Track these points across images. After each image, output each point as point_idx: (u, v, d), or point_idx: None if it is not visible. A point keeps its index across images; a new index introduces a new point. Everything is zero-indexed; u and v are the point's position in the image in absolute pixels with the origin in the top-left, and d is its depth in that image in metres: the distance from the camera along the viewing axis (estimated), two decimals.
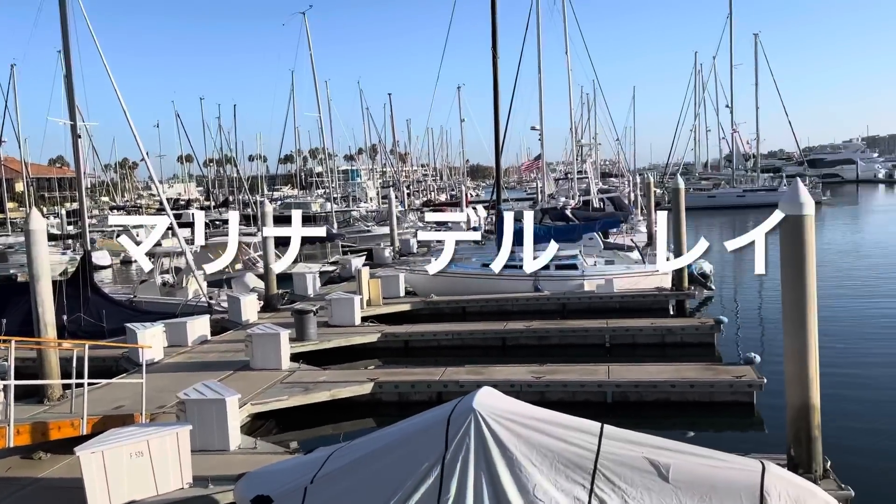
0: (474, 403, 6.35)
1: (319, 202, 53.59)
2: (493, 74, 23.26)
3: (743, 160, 74.14)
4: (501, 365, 14.33)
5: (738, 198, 62.38)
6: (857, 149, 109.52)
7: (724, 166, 79.89)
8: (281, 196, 77.27)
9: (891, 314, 19.46)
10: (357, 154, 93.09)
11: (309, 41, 42.00)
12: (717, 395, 12.38)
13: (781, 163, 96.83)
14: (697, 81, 73.79)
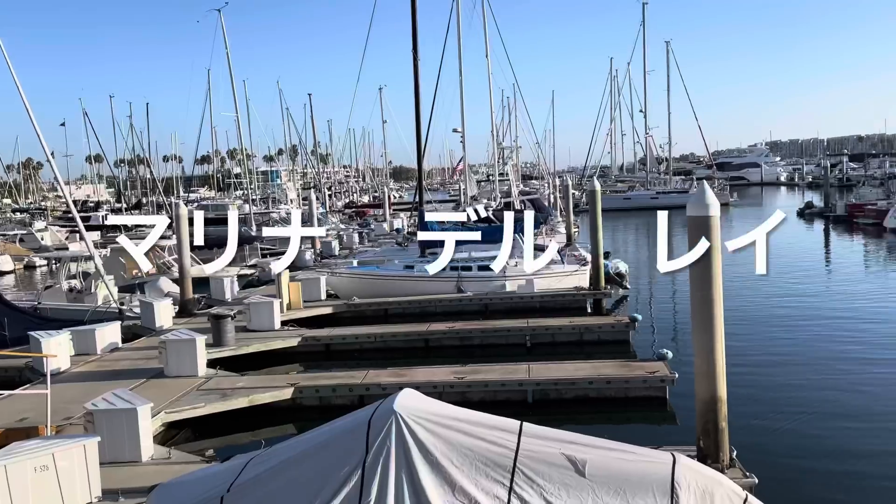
0: (395, 405, 6.32)
1: (238, 204, 52.32)
2: (414, 76, 23.35)
3: (656, 163, 76.93)
4: (424, 366, 14.36)
5: (651, 199, 64.61)
6: (762, 153, 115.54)
7: (639, 169, 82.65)
8: (198, 198, 75.04)
9: (793, 311, 20.56)
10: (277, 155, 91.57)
11: (225, 39, 41.07)
12: (631, 391, 12.78)
13: (692, 166, 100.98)
14: (613, 87, 76.31)
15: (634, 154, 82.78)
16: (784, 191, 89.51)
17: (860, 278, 25.97)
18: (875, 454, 10.36)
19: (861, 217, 43.69)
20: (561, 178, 58.14)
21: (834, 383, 13.56)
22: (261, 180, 70.63)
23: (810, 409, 12.30)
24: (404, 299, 21.44)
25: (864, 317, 19.10)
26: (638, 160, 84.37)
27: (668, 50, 69.26)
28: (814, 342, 16.74)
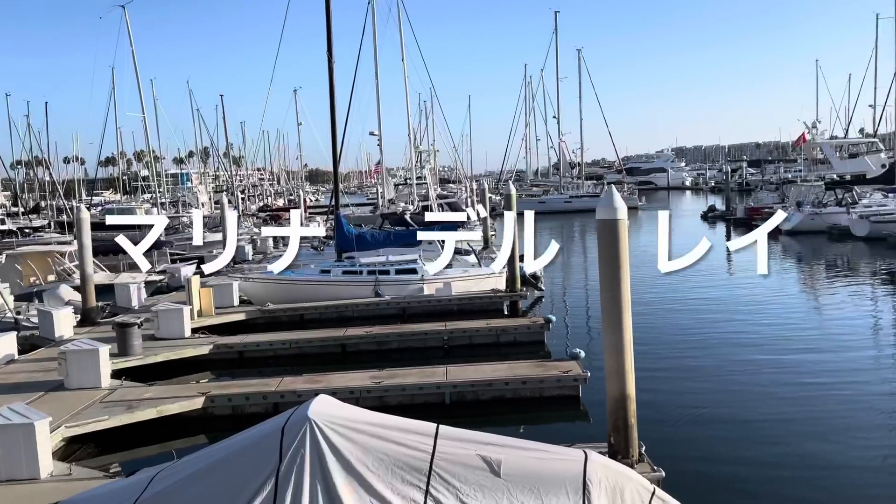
0: (309, 412, 6.22)
1: (145, 207, 50.34)
2: (329, 79, 23.10)
3: (569, 168, 78.92)
4: (341, 372, 14.19)
5: (565, 203, 66.28)
6: (668, 158, 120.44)
7: (553, 174, 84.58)
8: (102, 201, 71.77)
9: (697, 311, 21.48)
10: (187, 157, 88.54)
11: (130, 37, 39.54)
12: (546, 390, 13.04)
13: (603, 171, 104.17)
14: (527, 93, 77.84)
15: (549, 159, 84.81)
16: (689, 195, 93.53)
17: (759, 279, 27.37)
18: (773, 445, 10.92)
19: (759, 220, 45.80)
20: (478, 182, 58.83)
21: (736, 380, 14.22)
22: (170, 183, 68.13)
23: (714, 404, 12.87)
24: (320, 304, 21.15)
25: (763, 316, 20.16)
26: (552, 165, 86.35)
27: (579, 57, 71.35)
28: (717, 341, 17.53)
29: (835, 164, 54.51)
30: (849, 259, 31.01)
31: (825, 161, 56.43)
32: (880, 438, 11.04)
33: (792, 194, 47.64)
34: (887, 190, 42.10)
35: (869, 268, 28.15)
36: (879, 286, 24.60)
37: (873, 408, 12.25)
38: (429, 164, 47.00)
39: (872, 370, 14.53)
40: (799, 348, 16.14)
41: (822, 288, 24.88)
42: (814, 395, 12.96)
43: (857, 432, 11.16)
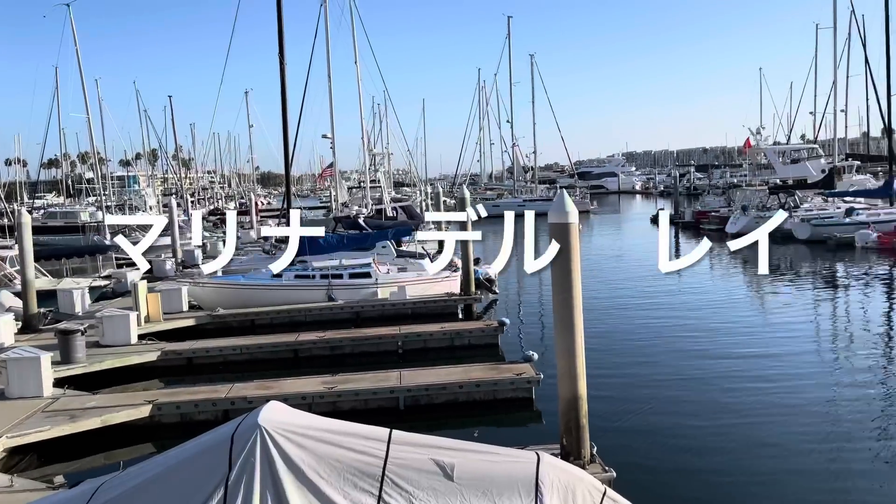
0: (259, 419, 6.11)
1: (90, 211, 48.92)
2: (281, 81, 22.86)
3: (523, 172, 79.62)
4: (293, 378, 14.02)
5: (518, 207, 66.37)
6: (619, 163, 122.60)
7: (507, 178, 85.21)
8: (44, 204, 69.50)
9: (646, 313, 21.90)
10: (135, 159, 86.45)
11: (74, 35, 38.41)
12: (500, 393, 13.11)
13: (556, 175, 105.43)
14: (481, 97, 78.42)
15: (503, 163, 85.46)
16: (639, 199, 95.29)
17: (706, 280, 28.05)
18: (720, 446, 11.19)
19: (706, 223, 47.22)
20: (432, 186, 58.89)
21: (685, 381, 14.51)
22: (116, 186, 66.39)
23: (663, 406, 13.11)
24: (272, 309, 20.87)
25: (711, 318, 20.64)
26: (506, 169, 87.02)
27: (532, 63, 72.09)
28: (667, 343, 17.86)
29: (778, 169, 56.10)
30: (792, 261, 32.00)
31: (769, 166, 58.05)
32: (822, 440, 11.38)
33: (737, 198, 48.93)
34: (827, 194, 43.56)
35: (810, 270, 29.11)
36: (821, 288, 25.44)
37: (815, 411, 12.64)
38: (383, 167, 46.81)
39: (815, 373, 14.99)
40: (745, 351, 16.56)
41: (767, 291, 25.61)
42: (759, 397, 13.30)
43: (800, 435, 11.48)
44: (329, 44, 35.39)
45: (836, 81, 51.83)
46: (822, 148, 57.86)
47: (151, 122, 74.20)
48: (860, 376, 14.42)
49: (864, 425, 11.75)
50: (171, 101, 72.53)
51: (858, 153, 69.30)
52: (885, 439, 11.27)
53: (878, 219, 36.82)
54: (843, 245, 34.53)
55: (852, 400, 12.95)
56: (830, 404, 12.82)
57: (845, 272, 28.11)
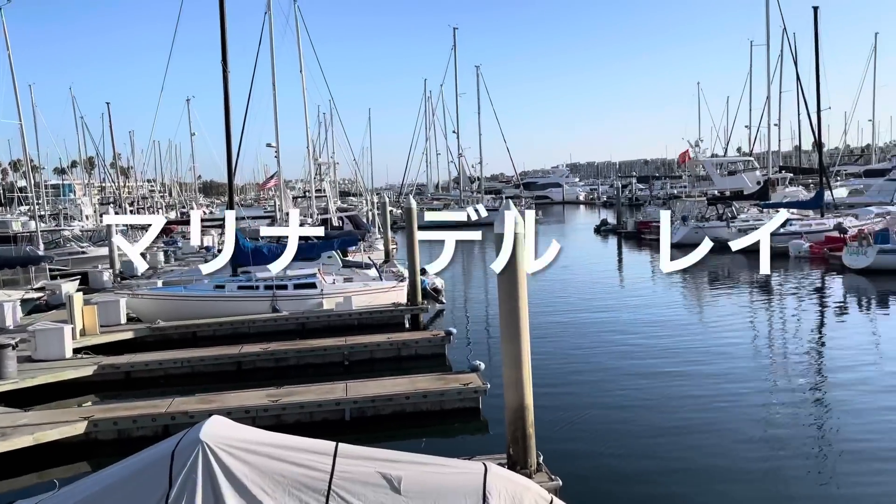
0: (201, 434, 5.96)
1: (22, 220, 47.07)
2: (224, 88, 22.44)
3: (469, 182, 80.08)
4: (236, 391, 13.73)
5: None
6: (563, 174, 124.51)
7: (453, 187, 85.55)
8: None
9: (592, 322, 22.24)
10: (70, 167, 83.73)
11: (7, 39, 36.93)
12: (447, 403, 13.09)
13: (502, 185, 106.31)
14: (427, 107, 78.73)
15: (449, 173, 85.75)
16: (583, 209, 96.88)
17: (649, 290, 28.70)
18: (665, 453, 11.39)
19: (648, 233, 48.26)
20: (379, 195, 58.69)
21: (630, 389, 14.73)
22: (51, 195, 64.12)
23: (609, 413, 13.31)
24: (214, 321, 20.42)
25: (654, 326, 21.05)
26: (452, 179, 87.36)
27: (478, 74, 72.72)
28: (612, 351, 18.15)
29: (716, 181, 57.85)
30: (730, 270, 32.93)
31: (707, 178, 59.76)
32: (761, 445, 11.73)
33: (677, 209, 50.21)
34: (762, 205, 45.10)
35: (748, 279, 30.02)
36: (758, 297, 26.26)
37: (754, 416, 13.01)
38: (328, 176, 46.44)
39: (753, 379, 15.41)
40: (687, 358, 16.95)
41: (706, 299, 26.32)
42: (702, 404, 13.61)
43: (740, 440, 11.77)
44: (273, 52, 34.98)
45: (769, 97, 53.85)
46: (757, 160, 59.90)
47: (88, 130, 71.78)
48: (796, 382, 14.94)
49: (800, 429, 12.15)
50: (108, 108, 71.08)
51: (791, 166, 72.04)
52: (820, 444, 11.66)
53: (809, 229, 38.30)
54: (778, 255, 35.75)
55: (789, 405, 13.39)
56: (768, 410, 13.22)
57: (780, 281, 29.11)
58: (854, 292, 26.10)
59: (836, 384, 14.62)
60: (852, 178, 69.50)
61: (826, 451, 11.33)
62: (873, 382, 14.47)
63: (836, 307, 23.89)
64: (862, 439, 11.55)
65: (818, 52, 43.25)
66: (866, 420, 12.38)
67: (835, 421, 12.57)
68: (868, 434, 11.74)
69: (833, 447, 11.41)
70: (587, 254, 42.32)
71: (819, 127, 44.10)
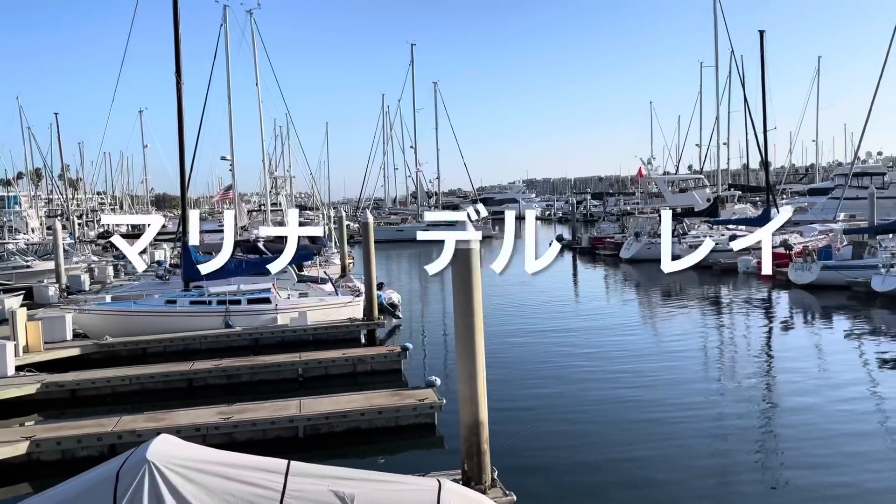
0: (148, 454, 5.82)
1: None
2: (178, 100, 22.09)
3: (426, 197, 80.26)
4: (186, 409, 13.40)
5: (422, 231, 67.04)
6: (520, 190, 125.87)
7: (411, 202, 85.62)
8: None
9: (547, 336, 22.41)
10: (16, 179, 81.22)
11: None
12: (402, 420, 13.02)
13: (459, 200, 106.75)
14: (385, 122, 78.92)
15: (407, 187, 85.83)
16: (539, 225, 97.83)
17: (603, 304, 29.09)
18: (618, 468, 11.50)
19: (602, 249, 49.04)
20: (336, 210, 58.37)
21: (583, 405, 14.85)
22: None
23: (563, 427, 13.40)
24: (165, 337, 19.95)
25: (608, 342, 21.32)
26: (410, 193, 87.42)
27: (435, 90, 73.18)
28: (566, 365, 18.29)
29: (667, 198, 59.16)
30: (681, 286, 33.60)
31: (659, 195, 61.08)
32: (711, 455, 11.96)
33: (630, 225, 51.11)
34: (712, 222, 46.22)
35: (697, 294, 30.68)
36: (709, 312, 26.83)
37: (704, 427, 13.27)
38: (284, 190, 46.03)
39: (704, 394, 15.73)
40: (640, 374, 17.19)
41: (659, 315, 26.78)
42: (654, 419, 13.79)
43: (692, 455, 11.97)
44: (229, 64, 34.69)
45: (718, 117, 55.51)
46: (708, 178, 61.46)
47: (36, 140, 69.88)
48: (744, 395, 15.27)
49: (749, 444, 12.42)
50: (57, 119, 68.81)
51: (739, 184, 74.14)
52: (768, 455, 11.94)
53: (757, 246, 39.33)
54: (728, 270, 36.69)
55: (738, 419, 13.68)
56: (718, 423, 13.47)
57: (730, 297, 29.81)
58: (799, 307, 26.88)
59: (784, 397, 15.02)
60: (797, 196, 71.84)
61: (774, 462, 11.62)
62: (818, 394, 14.89)
63: (783, 322, 24.56)
64: (809, 451, 11.85)
65: (764, 74, 44.67)
66: (813, 431, 12.72)
67: (783, 433, 12.90)
68: (815, 445, 12.06)
69: (780, 459, 11.70)
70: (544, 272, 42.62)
71: (765, 146, 45.62)
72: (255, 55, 37.46)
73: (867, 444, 11.96)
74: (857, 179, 53.88)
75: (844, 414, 13.54)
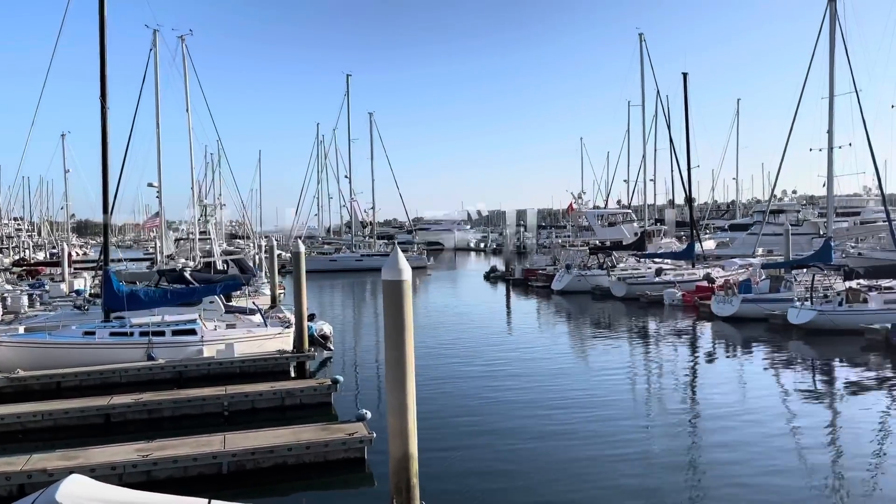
0: (57, 495, 5.54)
1: None
2: (102, 125, 21.41)
3: (361, 227, 79.91)
4: (103, 446, 12.78)
5: (356, 262, 66.82)
6: (455, 221, 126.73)
7: (345, 232, 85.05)
8: None
9: (479, 368, 22.42)
10: None
11: None
12: (331, 454, 12.74)
13: (395, 230, 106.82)
14: (320, 151, 78.47)
15: (341, 217, 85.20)
16: (474, 256, 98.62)
17: (535, 337, 29.34)
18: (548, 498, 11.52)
19: (534, 280, 49.73)
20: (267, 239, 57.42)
21: (516, 436, 14.87)
22: None
23: (494, 459, 13.35)
24: (81, 370, 19.06)
25: (539, 373, 21.50)
26: (344, 223, 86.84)
27: (371, 121, 73.30)
28: (496, 397, 18.32)
29: (597, 231, 60.71)
30: (610, 316, 34.31)
31: (589, 228, 62.60)
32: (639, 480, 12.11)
33: (562, 257, 52.09)
34: (639, 255, 47.57)
35: (626, 326, 31.34)
36: (635, 343, 27.40)
37: (632, 458, 13.46)
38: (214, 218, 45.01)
39: (631, 421, 16.04)
40: (570, 404, 17.42)
41: (588, 346, 27.20)
42: (583, 448, 13.95)
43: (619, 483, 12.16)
44: (158, 89, 34.06)
45: (645, 155, 57.47)
46: (635, 213, 63.36)
47: None
48: (668, 423, 15.61)
49: (673, 471, 12.65)
50: None
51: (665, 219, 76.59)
52: (691, 479, 12.18)
53: (682, 279, 40.69)
54: (654, 302, 37.73)
55: (663, 445, 13.96)
56: (644, 450, 13.71)
57: (656, 328, 30.56)
58: (721, 338, 27.77)
59: (707, 424, 15.41)
60: (719, 231, 74.73)
61: (698, 487, 11.84)
62: (739, 420, 15.39)
63: (707, 353, 25.29)
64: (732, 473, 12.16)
65: (688, 115, 46.73)
66: (735, 456, 13.08)
67: (705, 458, 13.19)
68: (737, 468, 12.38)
69: (704, 482, 11.94)
70: (477, 300, 42.94)
71: (689, 183, 47.30)
72: (186, 81, 36.92)
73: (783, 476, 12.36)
74: (773, 216, 56.61)
75: (763, 440, 14.01)
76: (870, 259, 40.57)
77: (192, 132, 37.54)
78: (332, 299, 45.13)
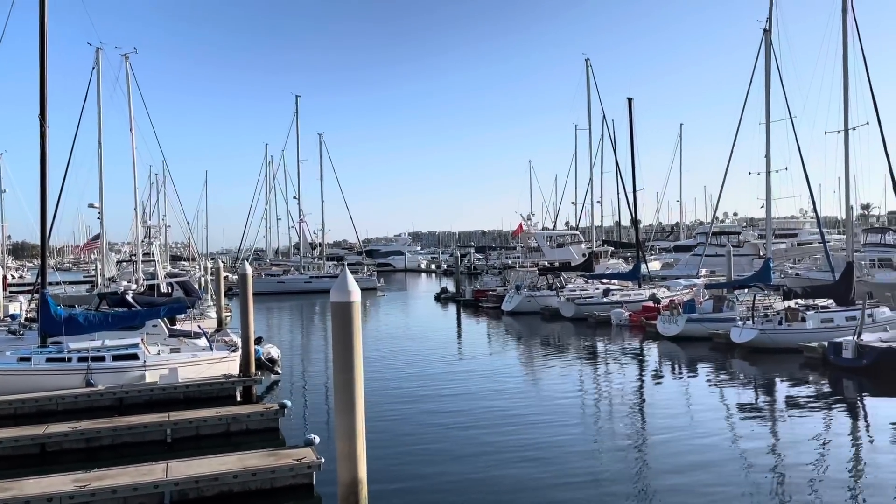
0: None
1: None
2: (41, 144, 20.76)
3: (310, 248, 79.14)
4: (37, 476, 12.24)
5: (305, 283, 66.08)
6: (405, 242, 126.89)
7: (294, 253, 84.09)
8: None
9: (430, 390, 22.31)
10: None
11: None
12: (278, 481, 12.45)
13: (344, 252, 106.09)
14: (268, 171, 77.75)
15: (290, 238, 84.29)
16: (424, 277, 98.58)
17: (486, 357, 29.38)
18: None
19: (485, 301, 49.93)
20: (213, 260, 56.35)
21: (465, 459, 14.80)
22: None
23: (443, 484, 13.23)
24: (14, 398, 18.29)
25: (490, 394, 21.51)
26: (293, 245, 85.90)
27: (320, 142, 72.98)
28: (447, 420, 18.24)
29: (546, 253, 61.36)
30: (559, 336, 34.63)
31: (538, 249, 63.25)
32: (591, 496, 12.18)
33: (512, 278, 52.48)
34: (587, 276, 48.26)
35: (575, 346, 31.66)
36: (584, 363, 27.69)
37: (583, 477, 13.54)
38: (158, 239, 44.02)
39: (581, 438, 16.16)
40: (521, 424, 17.49)
41: (538, 366, 27.35)
42: (536, 469, 13.97)
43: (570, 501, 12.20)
44: (101, 108, 33.37)
45: (592, 178, 58.65)
46: (583, 234, 64.33)
47: None
48: (617, 442, 15.77)
49: (622, 485, 12.76)
50: None
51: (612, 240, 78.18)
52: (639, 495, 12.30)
53: (629, 299, 41.42)
54: (602, 322, 38.27)
55: (612, 460, 14.08)
56: (593, 466, 13.81)
57: (604, 348, 30.96)
58: (667, 358, 28.27)
59: (654, 441, 15.62)
60: (664, 252, 76.47)
61: None
62: (685, 437, 15.64)
63: (653, 372, 25.69)
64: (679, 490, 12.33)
65: (633, 138, 47.86)
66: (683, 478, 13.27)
67: (653, 478, 13.34)
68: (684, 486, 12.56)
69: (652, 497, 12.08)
70: (428, 322, 42.84)
71: (635, 205, 48.36)
72: (129, 100, 36.28)
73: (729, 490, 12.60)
74: (716, 238, 58.17)
75: (710, 459, 14.28)
76: (806, 279, 42.02)
77: (135, 152, 36.84)
78: (280, 322, 44.42)
